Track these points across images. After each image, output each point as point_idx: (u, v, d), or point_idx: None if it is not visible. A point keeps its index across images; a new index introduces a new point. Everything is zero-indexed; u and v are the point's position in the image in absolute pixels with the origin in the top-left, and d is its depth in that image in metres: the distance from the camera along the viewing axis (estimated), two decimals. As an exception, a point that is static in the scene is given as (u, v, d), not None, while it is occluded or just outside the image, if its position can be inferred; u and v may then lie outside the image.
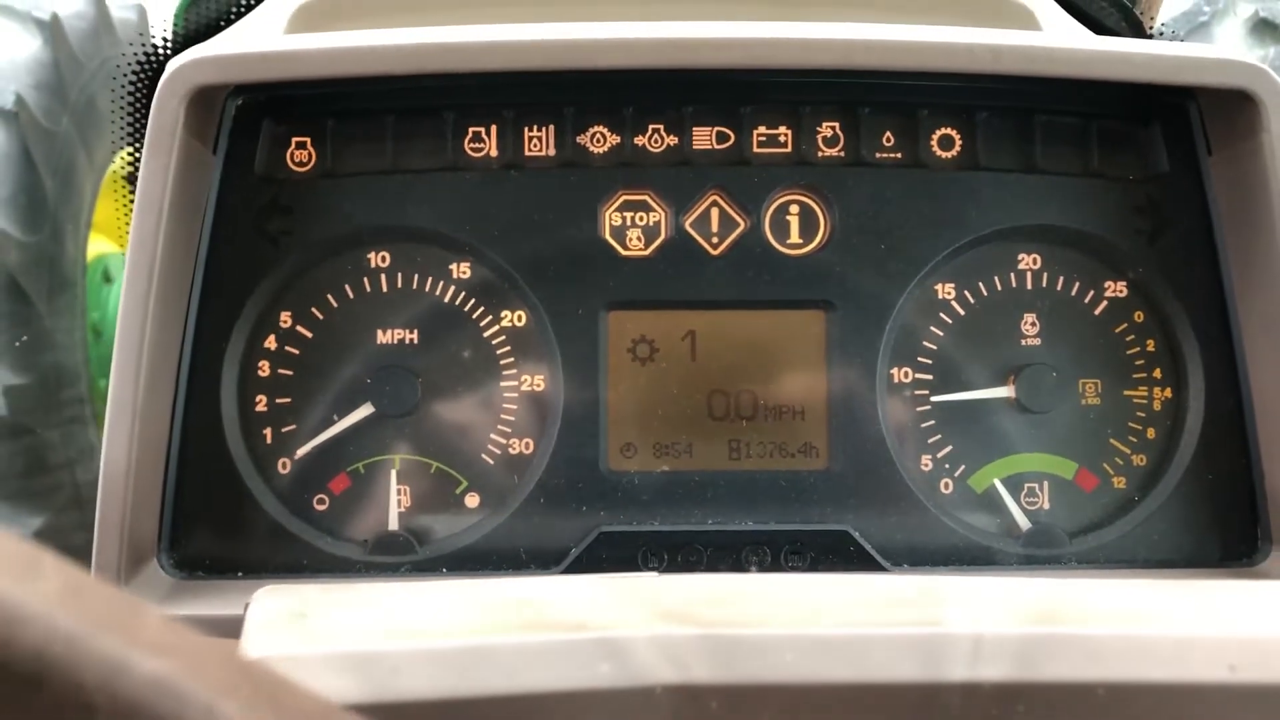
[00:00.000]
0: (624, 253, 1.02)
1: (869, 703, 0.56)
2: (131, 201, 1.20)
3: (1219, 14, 2.69)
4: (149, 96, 1.18)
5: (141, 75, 1.18)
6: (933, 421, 1.03)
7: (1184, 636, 0.56)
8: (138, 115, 1.18)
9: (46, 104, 2.36)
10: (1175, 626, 0.57)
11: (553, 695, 0.55)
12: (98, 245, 2.76)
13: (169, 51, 1.23)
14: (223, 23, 1.38)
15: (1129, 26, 1.46)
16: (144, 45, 1.19)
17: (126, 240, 0.94)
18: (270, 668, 0.37)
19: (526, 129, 1.03)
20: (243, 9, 1.38)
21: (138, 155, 1.19)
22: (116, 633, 0.33)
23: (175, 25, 1.42)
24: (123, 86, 1.18)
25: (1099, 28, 1.41)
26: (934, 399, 1.02)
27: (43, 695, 0.31)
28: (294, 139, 1.02)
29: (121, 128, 1.19)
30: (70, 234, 2.48)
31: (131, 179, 1.28)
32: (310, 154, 1.02)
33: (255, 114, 1.00)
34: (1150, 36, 1.49)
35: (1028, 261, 1.03)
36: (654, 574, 0.95)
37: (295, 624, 0.59)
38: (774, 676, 0.56)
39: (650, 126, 1.03)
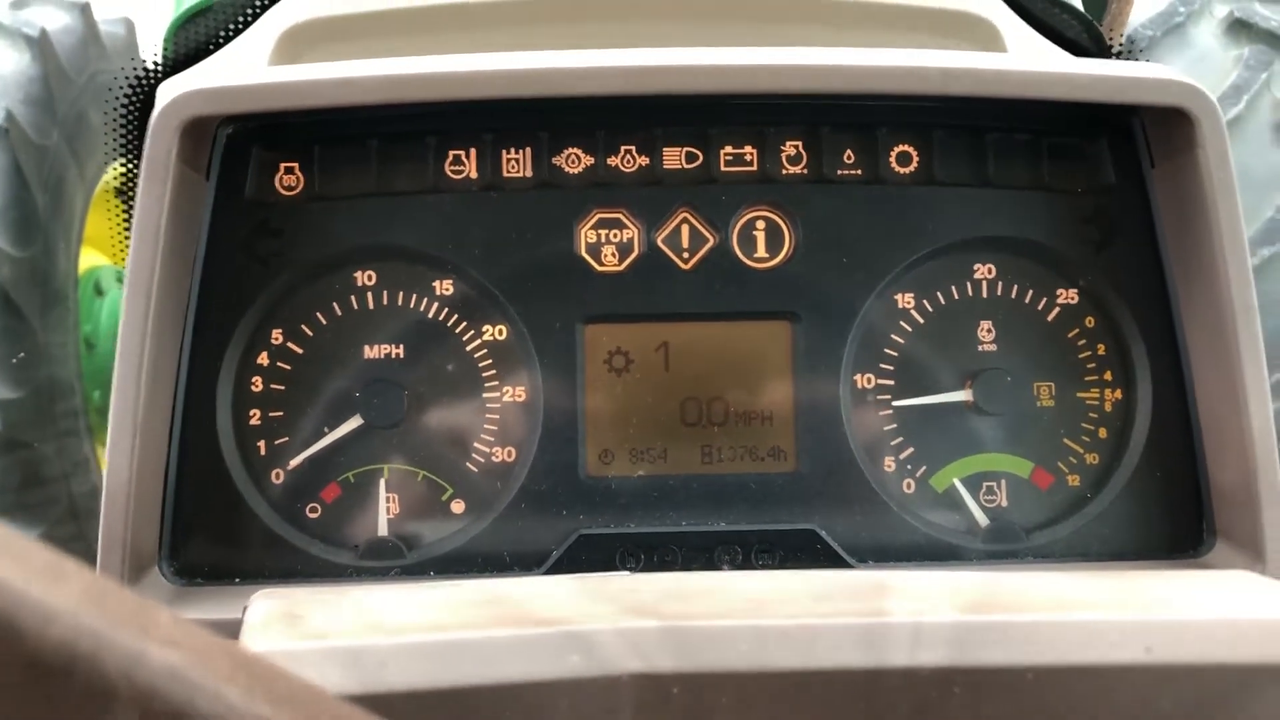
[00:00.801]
0: (599, 269, 1.07)
1: (818, 688, 0.61)
2: (123, 215, 1.25)
3: (1194, 15, 2.74)
4: (141, 116, 1.23)
5: (134, 96, 1.23)
6: (895, 425, 1.08)
7: (1104, 621, 0.62)
8: (129, 134, 1.23)
9: (36, 119, 2.40)
10: (1097, 613, 0.63)
11: (527, 685, 0.60)
12: (89, 258, 2.79)
13: (160, 73, 1.28)
14: (211, 46, 1.42)
15: (1091, 40, 1.51)
16: (135, 67, 1.24)
17: (118, 254, 0.98)
18: (269, 660, 0.42)
19: (504, 152, 1.07)
20: (231, 33, 1.43)
21: (130, 170, 1.23)
22: (133, 628, 0.37)
23: (165, 48, 1.47)
24: (115, 108, 1.23)
25: (1063, 41, 1.46)
26: (895, 403, 1.07)
27: (71, 683, 0.35)
28: (283, 164, 1.06)
29: (114, 145, 1.24)
30: (62, 248, 2.52)
31: (121, 193, 1.33)
32: (299, 178, 1.07)
33: (245, 141, 1.05)
34: (1111, 48, 1.54)
35: (983, 271, 1.09)
36: (627, 573, 0.99)
37: (290, 624, 0.64)
38: (730, 664, 0.60)
39: (622, 148, 1.08)
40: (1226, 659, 0.60)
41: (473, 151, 1.07)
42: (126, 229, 1.24)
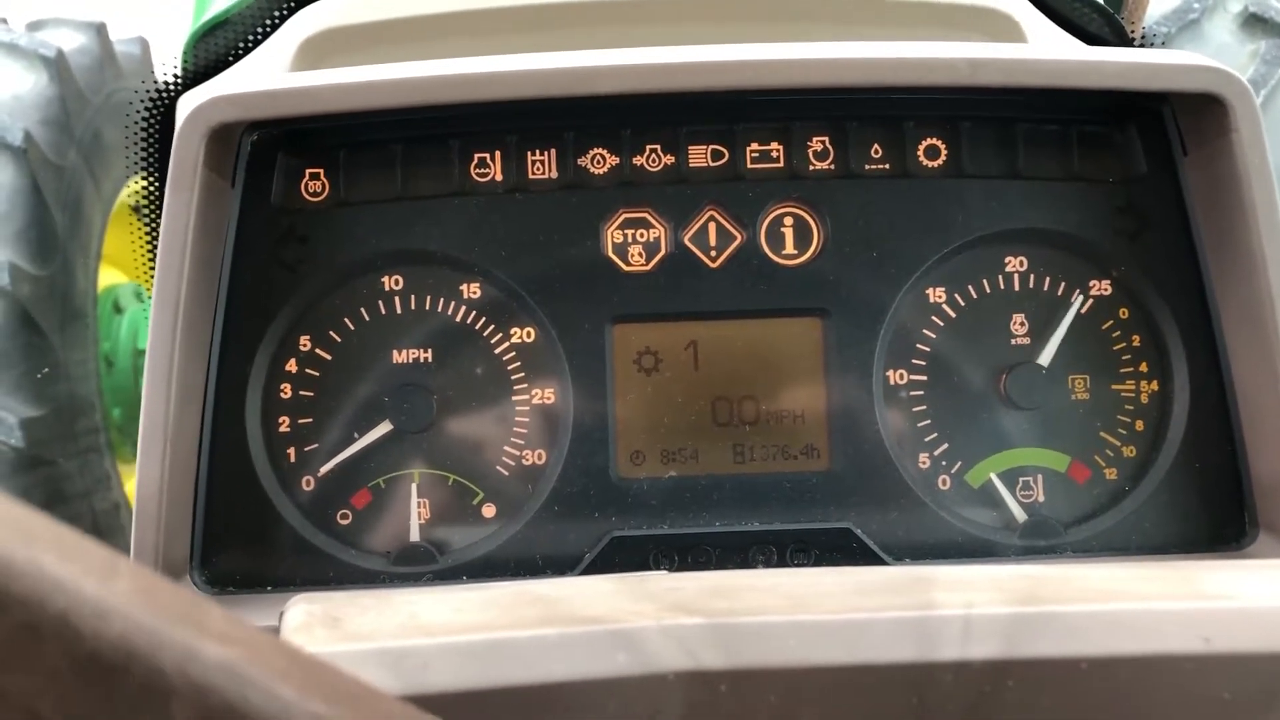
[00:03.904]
0: (626, 269, 1.07)
1: (868, 683, 0.60)
2: (145, 231, 1.25)
3: (1209, 10, 2.72)
4: (162, 129, 1.23)
5: (154, 109, 1.23)
6: (929, 420, 1.06)
7: (1161, 611, 0.60)
8: (150, 148, 1.23)
9: (54, 139, 2.41)
10: (1153, 603, 0.61)
11: (571, 685, 0.59)
12: (108, 276, 2.80)
13: (180, 86, 1.28)
14: (231, 57, 1.43)
15: (1112, 32, 1.50)
16: (155, 81, 1.24)
17: (137, 270, 0.98)
18: (320, 657, 0.41)
19: (529, 153, 1.07)
20: (250, 44, 1.43)
21: (150, 186, 1.24)
22: (187, 625, 0.37)
23: (184, 61, 1.47)
24: (136, 122, 1.23)
25: (1083, 34, 1.45)
26: (929, 399, 1.06)
27: (129, 679, 0.35)
28: (308, 170, 1.06)
29: (135, 160, 1.24)
30: (80, 266, 2.53)
31: (140, 209, 1.33)
32: (324, 184, 1.06)
33: (270, 148, 1.05)
34: (1132, 40, 1.53)
35: (1014, 264, 1.07)
36: (664, 573, 0.98)
37: (330, 626, 0.63)
38: (778, 661, 0.59)
39: (647, 147, 1.07)
40: (1288, 647, 0.58)
41: (497, 154, 1.07)
42: (148, 244, 1.24)
